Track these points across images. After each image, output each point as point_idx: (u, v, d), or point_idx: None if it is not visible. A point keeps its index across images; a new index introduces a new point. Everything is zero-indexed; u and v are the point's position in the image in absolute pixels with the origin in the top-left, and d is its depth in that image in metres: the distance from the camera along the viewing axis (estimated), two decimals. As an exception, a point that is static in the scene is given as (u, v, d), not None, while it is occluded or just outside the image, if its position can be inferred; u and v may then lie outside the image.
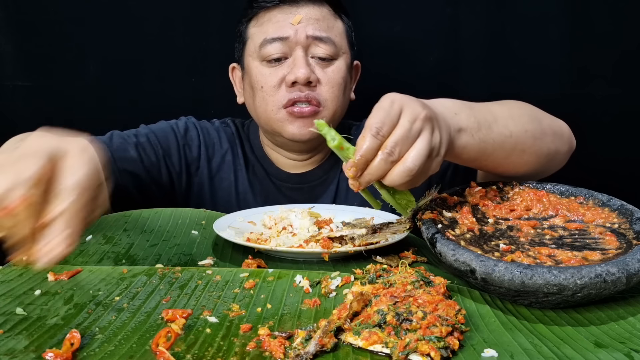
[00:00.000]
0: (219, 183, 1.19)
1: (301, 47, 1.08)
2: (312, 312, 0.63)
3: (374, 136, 0.67)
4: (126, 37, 1.42)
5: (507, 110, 0.87)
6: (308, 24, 1.08)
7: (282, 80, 1.08)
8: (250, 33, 1.13)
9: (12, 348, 0.54)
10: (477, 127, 0.79)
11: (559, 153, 0.92)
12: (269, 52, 1.08)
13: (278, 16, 1.09)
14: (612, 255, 0.68)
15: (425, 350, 0.52)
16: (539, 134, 0.87)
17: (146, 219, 0.97)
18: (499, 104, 0.88)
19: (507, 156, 0.84)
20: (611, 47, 1.44)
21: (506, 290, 0.64)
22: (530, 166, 0.88)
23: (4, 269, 0.75)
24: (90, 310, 0.63)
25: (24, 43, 1.40)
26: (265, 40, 1.08)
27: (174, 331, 0.57)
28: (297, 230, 0.88)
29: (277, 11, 1.10)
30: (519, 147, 0.84)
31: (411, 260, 0.79)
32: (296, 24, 1.08)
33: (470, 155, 0.81)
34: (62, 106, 1.43)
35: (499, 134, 0.82)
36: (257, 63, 1.11)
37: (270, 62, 1.09)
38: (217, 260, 0.81)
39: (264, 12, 1.11)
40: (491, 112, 0.83)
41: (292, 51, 1.08)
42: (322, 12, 1.11)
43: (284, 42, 1.08)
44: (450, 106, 0.78)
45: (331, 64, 1.11)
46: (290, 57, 1.09)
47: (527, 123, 0.86)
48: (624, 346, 0.57)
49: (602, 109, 1.47)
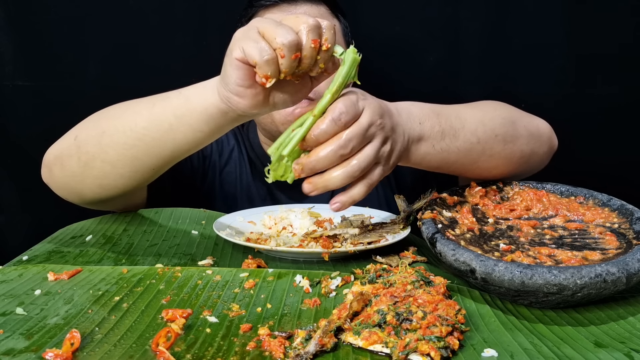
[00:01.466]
0: (227, 177, 1.20)
1: None
2: (312, 312, 0.63)
3: (334, 120, 0.66)
4: (126, 37, 1.41)
5: (479, 114, 0.84)
6: None
7: None
8: None
9: (12, 348, 0.54)
10: (440, 136, 0.78)
11: (535, 154, 0.90)
12: None
13: (277, 14, 1.10)
14: (612, 255, 0.68)
15: (425, 350, 0.52)
16: (510, 138, 0.85)
17: (146, 219, 0.97)
18: (470, 106, 0.87)
19: (473, 162, 0.83)
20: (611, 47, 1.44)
21: (506, 290, 0.64)
22: (500, 169, 0.87)
23: (4, 269, 0.75)
24: (90, 310, 0.63)
25: (24, 43, 1.40)
26: None
27: (174, 331, 0.57)
28: (297, 230, 0.88)
29: (277, 9, 1.10)
30: (487, 153, 0.83)
31: (411, 260, 0.79)
32: None
33: (431, 164, 0.80)
34: (62, 106, 1.42)
35: (465, 141, 0.80)
36: None
37: None
38: (217, 260, 0.81)
39: (263, 11, 1.12)
40: (460, 117, 0.81)
41: None
42: (320, 11, 1.12)
43: None
44: (416, 113, 0.77)
45: None
46: None
47: (498, 127, 0.84)
48: (624, 346, 0.57)
49: (602, 109, 1.47)
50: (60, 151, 0.90)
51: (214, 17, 1.43)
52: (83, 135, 0.87)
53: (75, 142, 0.87)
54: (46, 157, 0.93)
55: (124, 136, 0.82)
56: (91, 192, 0.90)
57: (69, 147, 0.88)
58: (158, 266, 0.76)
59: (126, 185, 0.89)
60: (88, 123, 0.90)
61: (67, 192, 0.93)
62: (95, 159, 0.85)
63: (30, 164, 1.44)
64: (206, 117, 0.75)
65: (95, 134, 0.85)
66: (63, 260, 0.80)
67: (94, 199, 0.92)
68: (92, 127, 0.88)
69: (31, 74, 1.41)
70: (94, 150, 0.85)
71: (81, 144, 0.86)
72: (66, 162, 0.88)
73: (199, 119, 0.76)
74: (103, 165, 0.85)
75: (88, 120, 0.91)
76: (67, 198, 0.95)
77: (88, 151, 0.85)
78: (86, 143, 0.86)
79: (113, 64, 1.43)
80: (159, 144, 0.81)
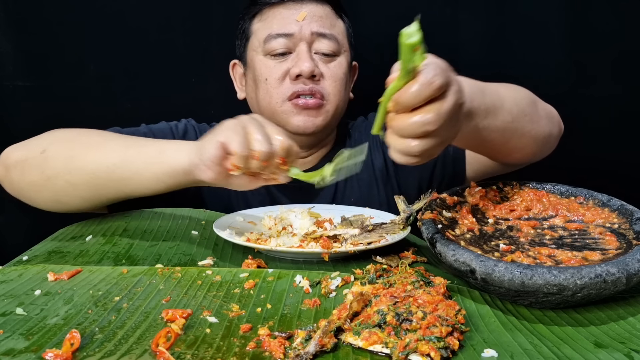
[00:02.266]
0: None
1: (305, 43, 1.09)
2: (312, 312, 0.63)
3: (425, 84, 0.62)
4: (126, 37, 1.42)
5: (512, 93, 0.86)
6: (312, 21, 1.10)
7: (286, 73, 1.09)
8: (254, 29, 1.14)
9: (12, 348, 0.54)
10: (484, 114, 0.77)
11: (552, 136, 0.94)
12: (274, 47, 1.09)
13: (283, 12, 1.10)
14: (612, 256, 0.68)
15: (425, 351, 0.52)
16: (536, 118, 0.87)
17: (146, 219, 0.97)
18: (504, 86, 0.87)
19: (507, 141, 0.85)
20: (611, 47, 1.44)
21: (506, 291, 0.64)
22: (527, 150, 0.90)
23: (4, 269, 0.75)
24: (90, 310, 0.63)
25: (24, 43, 1.40)
26: (270, 35, 1.09)
27: (174, 331, 0.57)
28: (297, 231, 0.88)
29: (282, 7, 1.11)
30: (518, 132, 0.84)
31: (411, 260, 0.79)
32: (301, 20, 1.09)
33: (471, 142, 0.83)
34: (62, 106, 1.42)
35: (503, 120, 0.81)
36: (261, 57, 1.11)
37: (275, 56, 1.10)
38: (217, 260, 0.81)
39: (268, 8, 1.12)
40: (499, 96, 0.81)
41: (295, 46, 1.09)
42: (325, 10, 1.12)
43: (289, 38, 1.09)
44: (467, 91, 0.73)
45: (334, 59, 1.12)
46: (294, 52, 1.10)
47: (526, 107, 0.86)
48: (624, 346, 0.57)
49: (602, 109, 1.47)
50: (23, 157, 0.93)
51: (213, 17, 1.43)
52: (52, 152, 0.91)
53: (42, 155, 0.91)
54: (6, 156, 0.95)
55: (92, 166, 0.88)
56: (45, 203, 0.96)
57: (34, 157, 0.92)
58: (158, 266, 0.76)
59: (81, 207, 0.95)
60: (58, 141, 0.94)
61: (20, 196, 0.97)
62: (59, 177, 0.90)
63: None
64: (172, 172, 0.84)
65: (65, 156, 0.90)
66: (63, 260, 0.80)
67: (46, 208, 0.96)
68: (63, 147, 0.92)
69: (31, 74, 1.41)
70: (60, 169, 0.89)
71: (48, 159, 0.90)
72: (27, 171, 0.92)
73: (165, 173, 0.84)
74: (65, 185, 0.90)
75: (58, 136, 0.95)
76: (18, 198, 0.98)
77: (54, 167, 0.90)
78: (54, 159, 0.90)
79: (113, 64, 1.43)
80: (123, 182, 0.88)
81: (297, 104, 1.08)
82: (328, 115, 1.11)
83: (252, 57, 1.13)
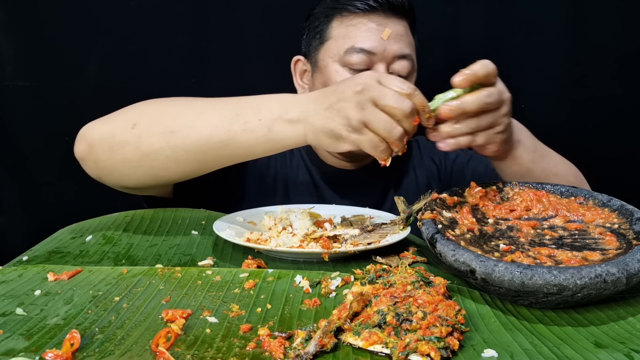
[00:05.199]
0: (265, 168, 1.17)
1: (385, 63, 1.06)
2: (312, 312, 0.63)
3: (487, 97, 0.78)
4: (126, 37, 1.42)
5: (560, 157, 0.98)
6: (395, 41, 1.06)
7: None
8: (333, 33, 1.09)
9: (12, 348, 0.54)
10: (532, 149, 0.91)
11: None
12: (354, 61, 1.05)
13: (367, 25, 1.06)
14: (612, 256, 0.68)
15: (425, 351, 0.52)
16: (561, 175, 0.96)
17: (146, 219, 0.97)
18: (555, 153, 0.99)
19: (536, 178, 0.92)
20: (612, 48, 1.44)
21: (506, 291, 0.64)
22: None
23: (3, 269, 0.75)
24: (90, 310, 0.63)
25: (24, 43, 1.40)
26: (353, 48, 1.05)
27: (173, 331, 0.57)
28: (297, 231, 0.88)
29: (366, 19, 1.07)
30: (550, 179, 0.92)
31: (411, 261, 0.79)
32: (386, 39, 1.05)
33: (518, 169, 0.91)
34: (62, 106, 1.42)
35: (547, 168, 0.93)
36: (337, 66, 1.08)
37: (352, 70, 1.06)
38: (217, 260, 0.81)
39: (351, 15, 1.08)
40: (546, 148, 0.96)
41: (374, 64, 1.06)
42: (404, 28, 1.09)
43: (370, 55, 1.05)
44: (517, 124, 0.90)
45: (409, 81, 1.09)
46: (372, 69, 1.06)
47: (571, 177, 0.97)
48: (624, 346, 0.57)
49: (602, 109, 1.47)
50: (110, 134, 0.88)
51: (213, 18, 1.43)
52: (144, 127, 0.87)
53: (134, 131, 0.87)
54: (86, 134, 0.91)
55: (197, 143, 0.85)
56: (139, 180, 0.91)
57: (123, 133, 0.87)
58: (158, 266, 0.76)
59: (180, 179, 0.92)
60: (148, 114, 0.90)
61: (106, 174, 0.92)
62: (160, 154, 0.86)
63: (31, 164, 1.45)
64: (282, 148, 0.84)
65: (162, 131, 0.86)
66: (63, 260, 0.80)
67: (135, 185, 0.94)
68: (156, 121, 0.87)
69: (31, 74, 1.42)
70: (159, 146, 0.86)
71: (142, 134, 0.86)
72: (118, 148, 0.88)
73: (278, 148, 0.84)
74: (167, 161, 0.87)
75: (144, 110, 0.91)
76: (101, 178, 0.93)
77: (151, 144, 0.86)
78: (149, 135, 0.86)
79: (113, 64, 1.43)
80: (231, 156, 0.87)
81: None
82: None
83: (327, 63, 1.09)
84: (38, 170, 1.45)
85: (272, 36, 1.43)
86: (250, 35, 1.42)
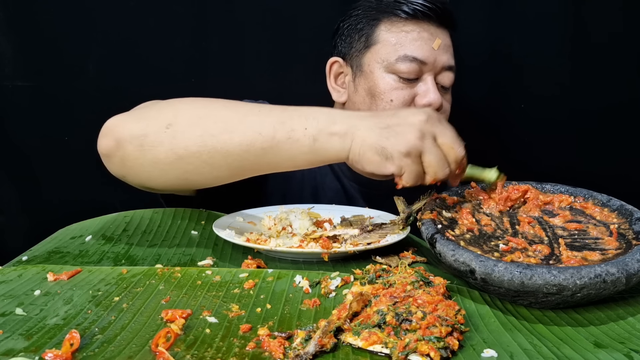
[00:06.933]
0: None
1: (433, 73, 1.05)
2: (312, 312, 0.63)
3: None
4: (126, 38, 1.42)
5: None
6: (444, 52, 1.06)
7: (411, 100, 1.05)
8: (381, 37, 1.06)
9: (12, 348, 0.54)
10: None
11: None
12: (404, 69, 1.04)
13: (419, 32, 1.05)
14: (612, 256, 0.68)
15: (424, 351, 0.52)
16: None
17: (146, 219, 0.97)
18: None
19: None
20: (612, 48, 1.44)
21: (506, 291, 0.64)
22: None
23: (3, 269, 0.75)
24: (90, 310, 0.63)
25: (24, 43, 1.40)
26: (405, 56, 1.04)
27: (173, 331, 0.57)
28: (296, 231, 0.88)
29: (417, 26, 1.05)
30: None
31: (411, 261, 0.79)
32: (437, 49, 1.05)
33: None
34: (62, 106, 1.42)
35: None
36: (384, 73, 1.06)
37: (401, 78, 1.05)
38: (217, 260, 0.81)
39: (400, 21, 1.05)
40: None
41: (423, 73, 1.05)
42: (448, 38, 1.08)
43: (421, 65, 1.04)
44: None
45: (449, 92, 1.09)
46: (420, 79, 1.05)
47: None
48: (623, 346, 0.57)
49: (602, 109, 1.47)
50: (142, 132, 0.83)
51: (213, 18, 1.43)
52: (180, 128, 0.82)
53: (170, 131, 0.82)
54: (114, 129, 0.85)
55: (238, 149, 0.81)
56: (167, 182, 0.88)
57: (156, 132, 0.82)
58: (158, 266, 0.76)
59: (211, 184, 0.88)
60: (184, 114, 0.84)
61: (134, 174, 0.87)
62: (196, 157, 0.82)
63: (30, 164, 1.45)
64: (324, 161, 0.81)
65: (200, 134, 0.81)
66: (63, 260, 0.80)
67: (162, 188, 0.91)
68: (194, 123, 0.83)
69: (31, 74, 1.42)
70: (196, 149, 0.81)
71: (177, 136, 0.82)
72: (150, 148, 0.83)
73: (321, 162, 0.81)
74: (203, 165, 0.83)
75: (181, 109, 0.86)
76: (125, 177, 0.89)
77: (187, 147, 0.82)
78: (185, 138, 0.82)
79: (113, 64, 1.43)
80: (270, 165, 0.83)
81: None
82: None
83: (373, 68, 1.06)
84: (38, 170, 1.45)
85: (272, 36, 1.43)
86: (250, 35, 1.42)
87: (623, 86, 1.45)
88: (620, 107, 1.46)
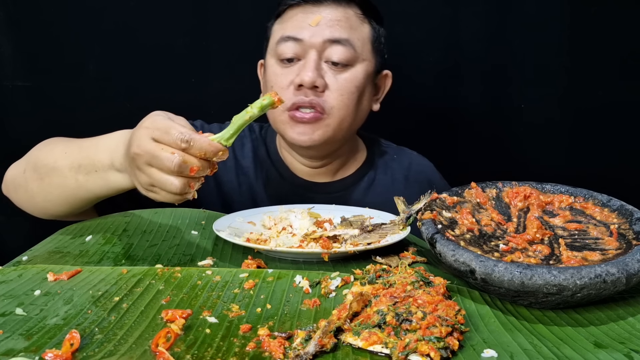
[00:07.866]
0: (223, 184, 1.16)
1: (315, 50, 1.04)
2: (312, 313, 0.63)
3: None
4: (126, 38, 1.42)
5: None
6: (327, 26, 1.05)
7: (291, 82, 1.05)
8: (273, 30, 1.11)
9: (12, 348, 0.54)
10: None
11: None
12: (283, 51, 1.06)
13: (299, 15, 1.07)
14: (612, 256, 0.68)
15: (425, 351, 0.52)
16: None
17: (146, 219, 0.97)
18: None
19: None
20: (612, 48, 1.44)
21: (506, 291, 0.64)
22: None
23: (3, 269, 0.75)
24: (90, 310, 0.63)
25: (24, 43, 1.40)
26: (282, 38, 1.06)
27: (173, 331, 0.57)
28: (296, 231, 0.88)
29: (300, 10, 1.07)
30: None
31: (411, 261, 0.79)
32: (314, 25, 1.04)
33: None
34: (62, 106, 1.43)
35: None
36: (273, 61, 1.09)
37: (284, 62, 1.07)
38: (217, 260, 0.81)
39: (288, 10, 1.09)
40: None
41: (306, 53, 1.05)
42: (347, 14, 1.07)
43: (298, 43, 1.05)
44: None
45: (345, 70, 1.06)
46: (303, 59, 1.06)
47: None
48: (623, 346, 0.57)
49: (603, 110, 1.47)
50: (12, 178, 1.01)
51: (213, 18, 1.43)
52: (28, 172, 0.97)
53: (25, 175, 0.97)
54: (5, 176, 1.03)
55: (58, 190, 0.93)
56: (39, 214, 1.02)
57: (18, 176, 0.99)
58: (158, 266, 0.75)
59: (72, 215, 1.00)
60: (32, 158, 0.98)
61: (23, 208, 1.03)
62: (39, 196, 0.96)
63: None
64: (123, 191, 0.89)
65: (37, 177, 0.95)
66: (63, 260, 0.80)
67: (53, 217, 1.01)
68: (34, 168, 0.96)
69: (31, 74, 1.42)
70: (36, 190, 0.96)
71: (28, 178, 0.97)
72: (14, 190, 1.01)
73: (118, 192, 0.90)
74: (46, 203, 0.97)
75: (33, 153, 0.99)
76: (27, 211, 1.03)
77: (31, 189, 0.97)
78: (30, 180, 0.97)
79: (113, 64, 1.43)
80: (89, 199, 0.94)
81: (294, 116, 1.05)
82: (328, 129, 1.06)
83: (268, 61, 1.11)
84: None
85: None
86: (250, 35, 1.42)
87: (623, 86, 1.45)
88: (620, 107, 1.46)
